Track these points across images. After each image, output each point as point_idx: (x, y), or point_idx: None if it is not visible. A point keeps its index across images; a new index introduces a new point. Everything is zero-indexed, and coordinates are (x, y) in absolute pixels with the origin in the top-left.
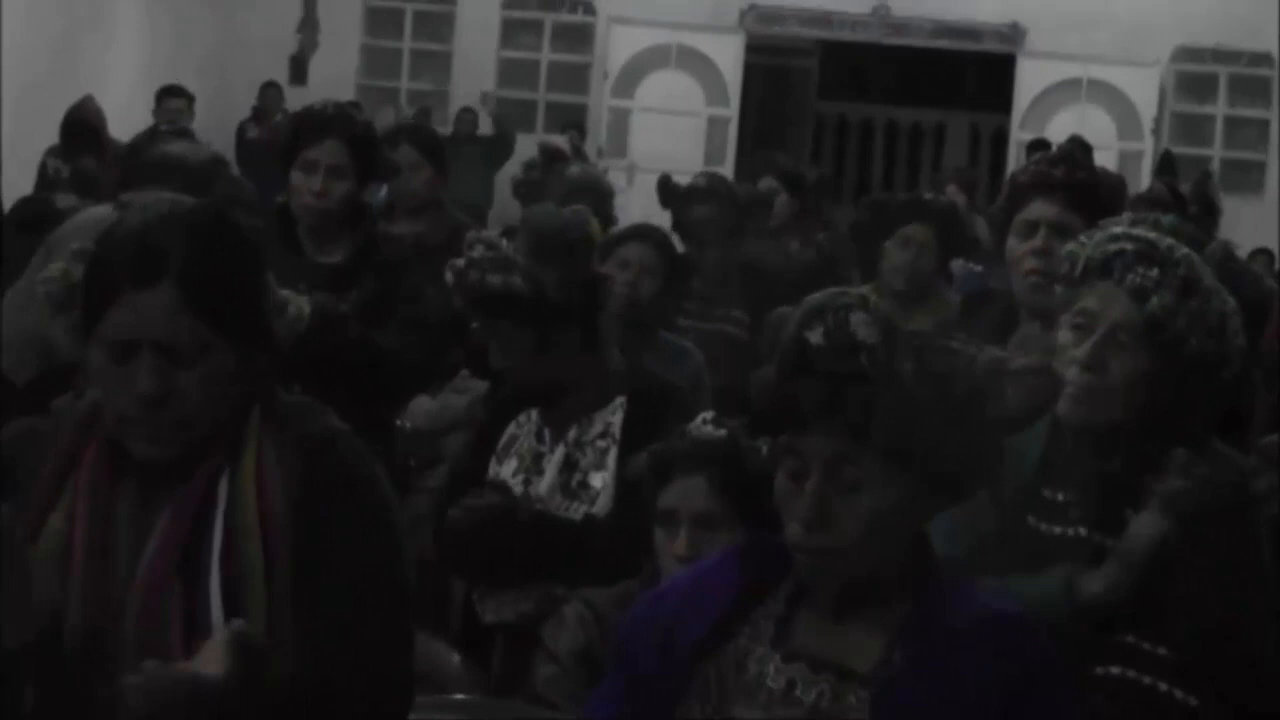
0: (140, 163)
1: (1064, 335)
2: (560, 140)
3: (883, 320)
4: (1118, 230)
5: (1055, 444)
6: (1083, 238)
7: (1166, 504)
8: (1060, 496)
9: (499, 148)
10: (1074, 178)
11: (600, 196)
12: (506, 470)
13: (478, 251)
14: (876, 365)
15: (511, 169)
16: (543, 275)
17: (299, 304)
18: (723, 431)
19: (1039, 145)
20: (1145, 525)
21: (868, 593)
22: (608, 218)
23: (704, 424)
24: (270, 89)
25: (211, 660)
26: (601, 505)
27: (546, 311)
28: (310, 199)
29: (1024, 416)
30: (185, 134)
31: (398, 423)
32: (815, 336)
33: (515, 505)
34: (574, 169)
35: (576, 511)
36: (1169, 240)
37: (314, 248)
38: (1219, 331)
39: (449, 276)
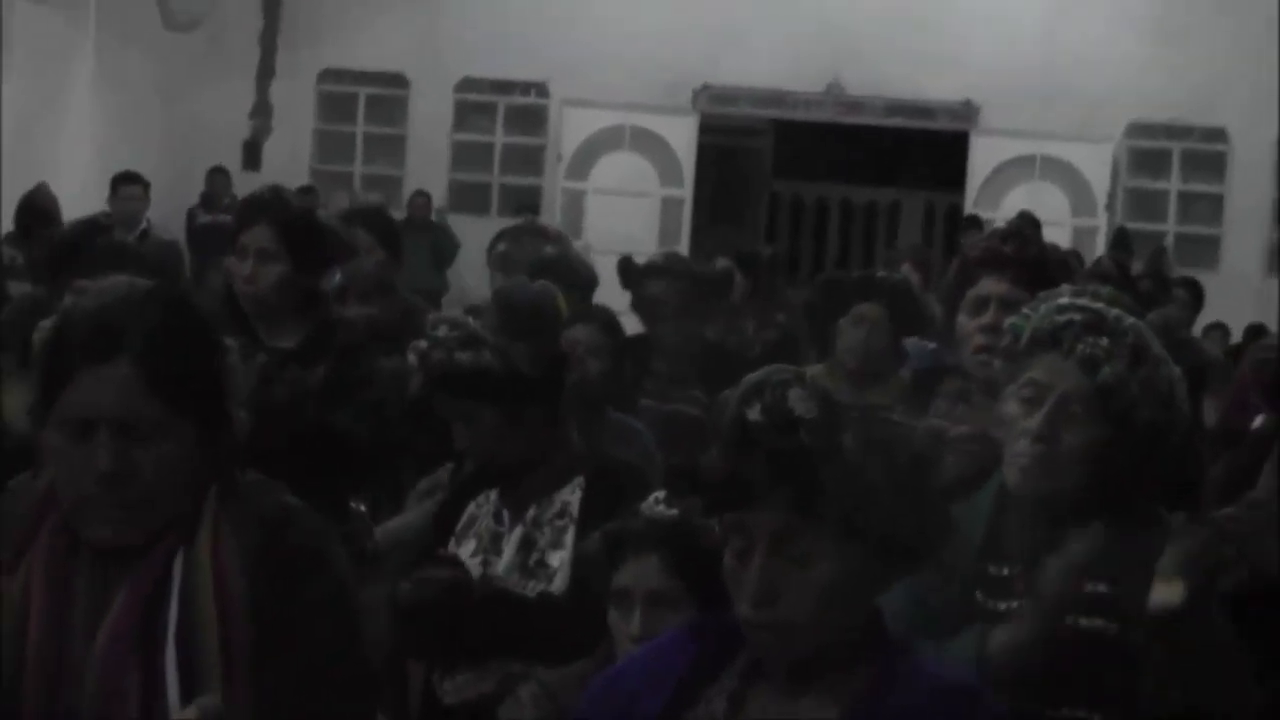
0: (90, 252)
1: (1011, 407)
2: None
3: (820, 394)
4: (1064, 301)
5: (999, 518)
6: (1025, 310)
7: (1186, 568)
8: (1006, 571)
9: (447, 240)
10: (1023, 254)
11: (584, 282)
12: (465, 550)
13: (442, 331)
14: (816, 439)
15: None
16: (513, 350)
17: (237, 415)
18: (675, 511)
19: (973, 222)
20: (1053, 567)
21: (821, 666)
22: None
23: (656, 503)
24: (218, 174)
25: None
26: (558, 584)
27: (516, 387)
28: (241, 284)
29: (963, 485)
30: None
31: (353, 505)
32: (754, 413)
33: (469, 579)
34: (557, 249)
35: (533, 590)
36: (1115, 310)
37: (265, 332)
38: (1168, 399)
39: (411, 358)
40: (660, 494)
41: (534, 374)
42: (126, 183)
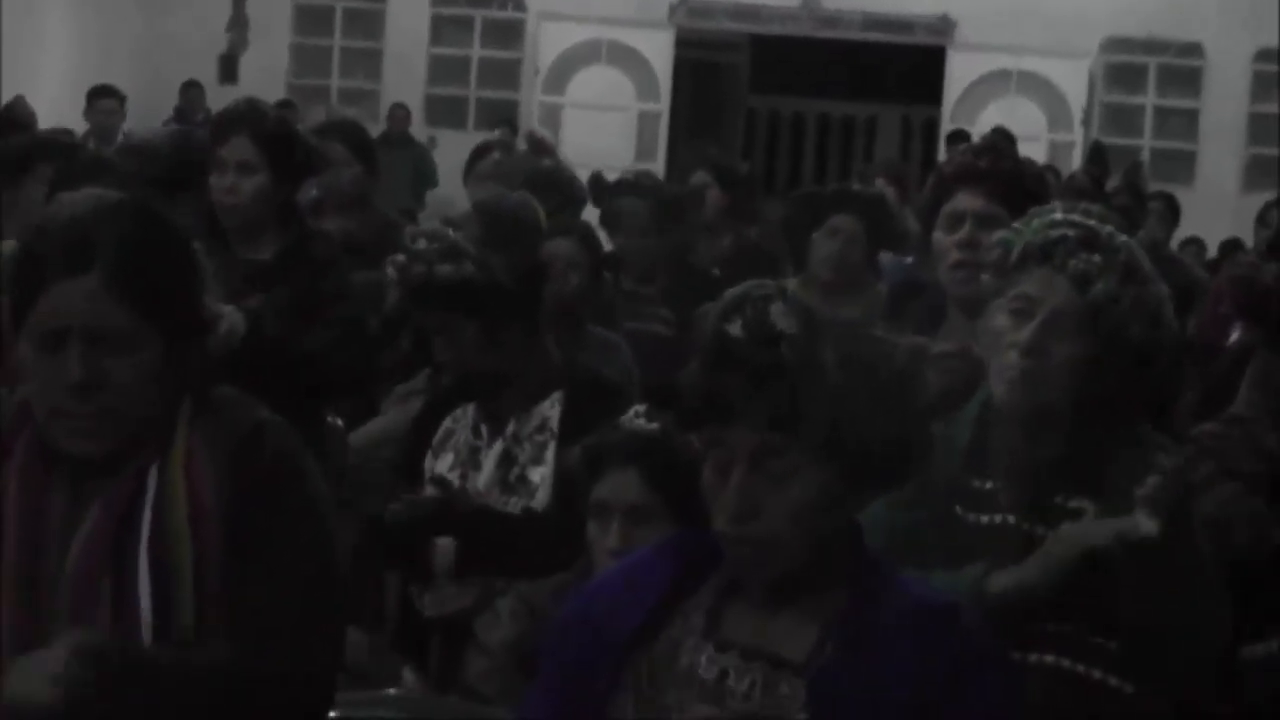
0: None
1: (1000, 320)
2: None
3: (802, 310)
4: (1057, 217)
5: (982, 432)
6: (1018, 224)
7: (1156, 505)
8: (988, 485)
9: (428, 167)
10: (998, 168)
11: (579, 197)
12: (443, 465)
13: (421, 244)
14: (797, 355)
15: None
16: (493, 261)
17: (234, 320)
18: (655, 425)
19: (959, 136)
20: (1074, 530)
21: (799, 583)
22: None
23: (636, 417)
24: (192, 88)
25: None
26: (540, 500)
27: (496, 299)
28: (222, 196)
29: (946, 402)
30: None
31: (329, 419)
32: (735, 328)
33: (455, 499)
34: (549, 162)
35: (515, 506)
36: (1108, 227)
37: (241, 245)
38: (1157, 318)
39: (390, 272)
40: (640, 408)
41: (513, 286)
42: (102, 96)
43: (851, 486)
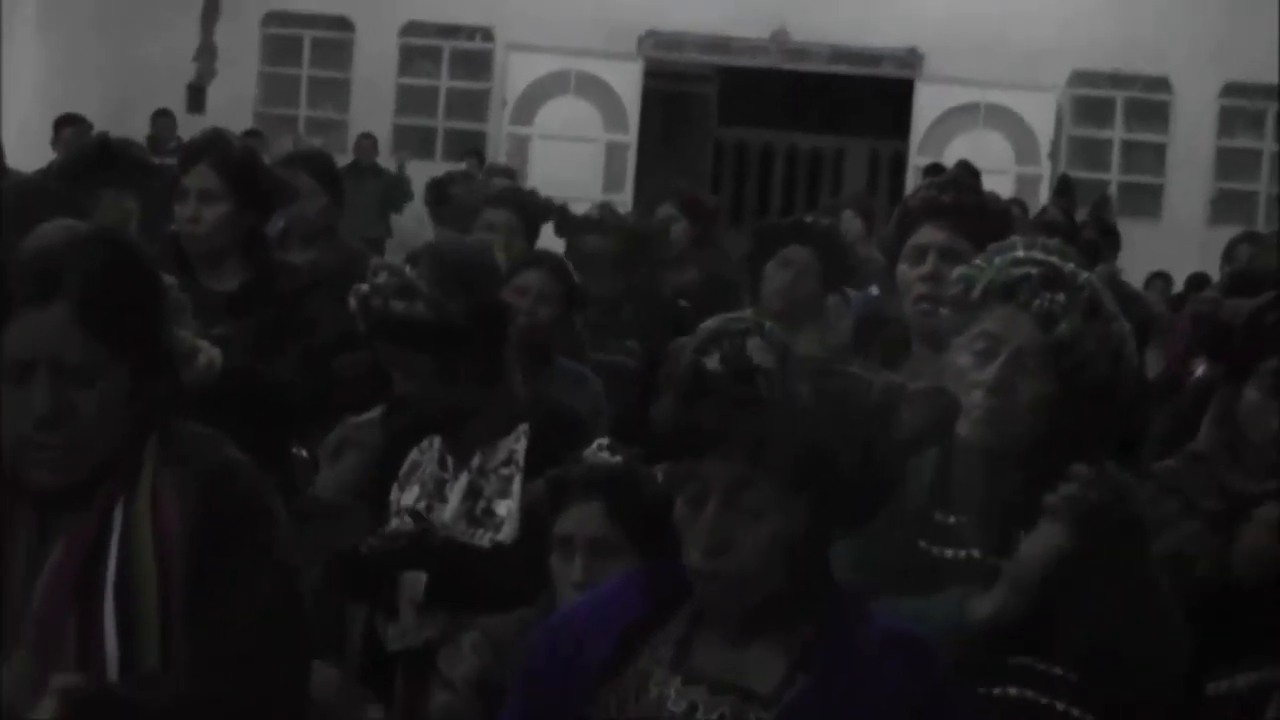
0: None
1: (963, 358)
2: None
3: (779, 345)
4: (1020, 254)
5: (946, 467)
6: (979, 261)
7: (1060, 513)
8: (952, 519)
9: (399, 190)
10: (962, 203)
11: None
12: (409, 497)
13: (381, 278)
14: (773, 390)
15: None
16: (447, 303)
17: (211, 354)
18: (619, 458)
19: (935, 170)
20: (1037, 541)
21: (769, 616)
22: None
23: (600, 450)
24: (163, 117)
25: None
26: (507, 533)
27: (449, 339)
28: (185, 225)
29: (920, 440)
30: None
31: (295, 451)
32: (712, 362)
33: (429, 532)
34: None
35: (481, 539)
36: (1070, 264)
37: (207, 275)
38: (1118, 355)
39: (352, 302)
40: (604, 441)
41: (466, 327)
42: (70, 124)
43: (823, 522)
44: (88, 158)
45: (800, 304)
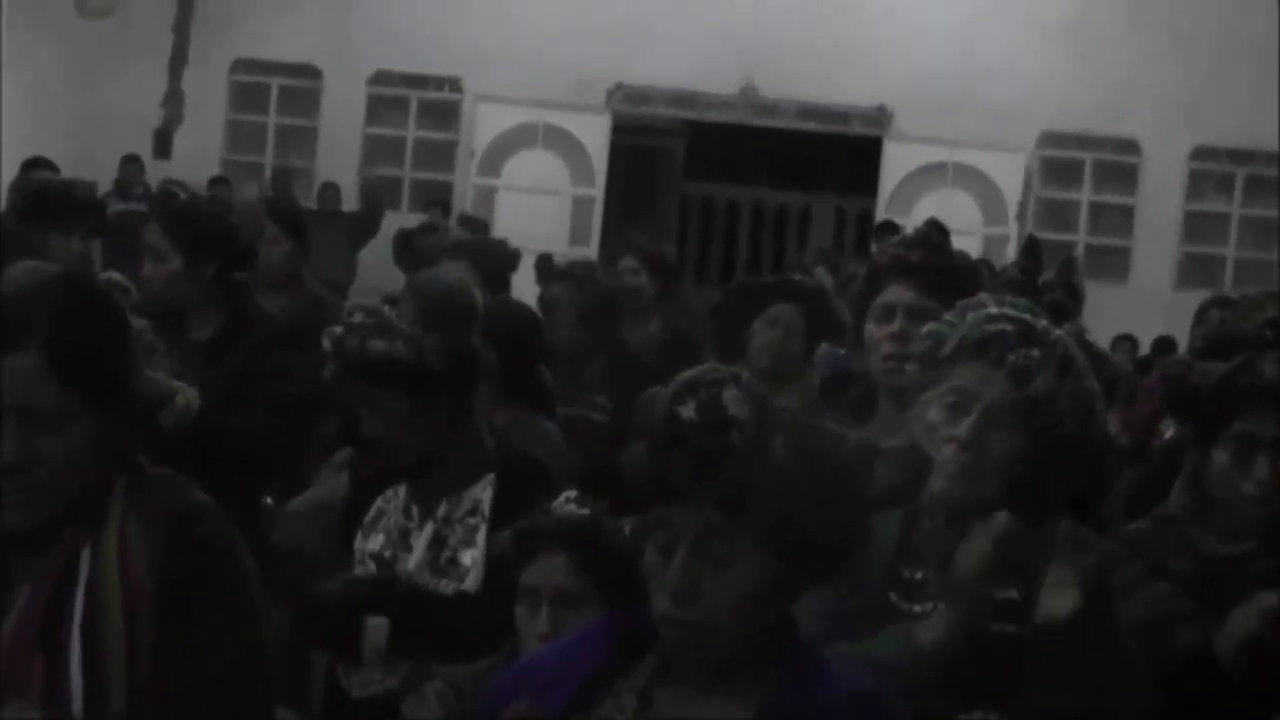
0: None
1: (934, 414)
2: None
3: (755, 396)
4: (993, 311)
5: (912, 522)
6: (949, 317)
7: (1075, 578)
8: (919, 575)
9: (364, 225)
10: (930, 261)
11: (500, 261)
12: (373, 545)
13: (358, 318)
14: (748, 441)
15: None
16: (425, 342)
17: (189, 396)
18: (586, 510)
19: (889, 228)
20: (968, 552)
21: (732, 668)
22: (504, 282)
23: (567, 502)
24: (131, 163)
25: None
26: (471, 583)
27: (426, 379)
28: (145, 284)
29: (893, 498)
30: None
31: (264, 500)
32: (687, 411)
33: (392, 579)
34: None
35: (446, 588)
36: (1042, 321)
37: (187, 326)
38: (1089, 413)
39: (326, 344)
40: (571, 493)
41: (444, 367)
42: (35, 168)
43: (791, 574)
44: (29, 202)
45: (786, 362)
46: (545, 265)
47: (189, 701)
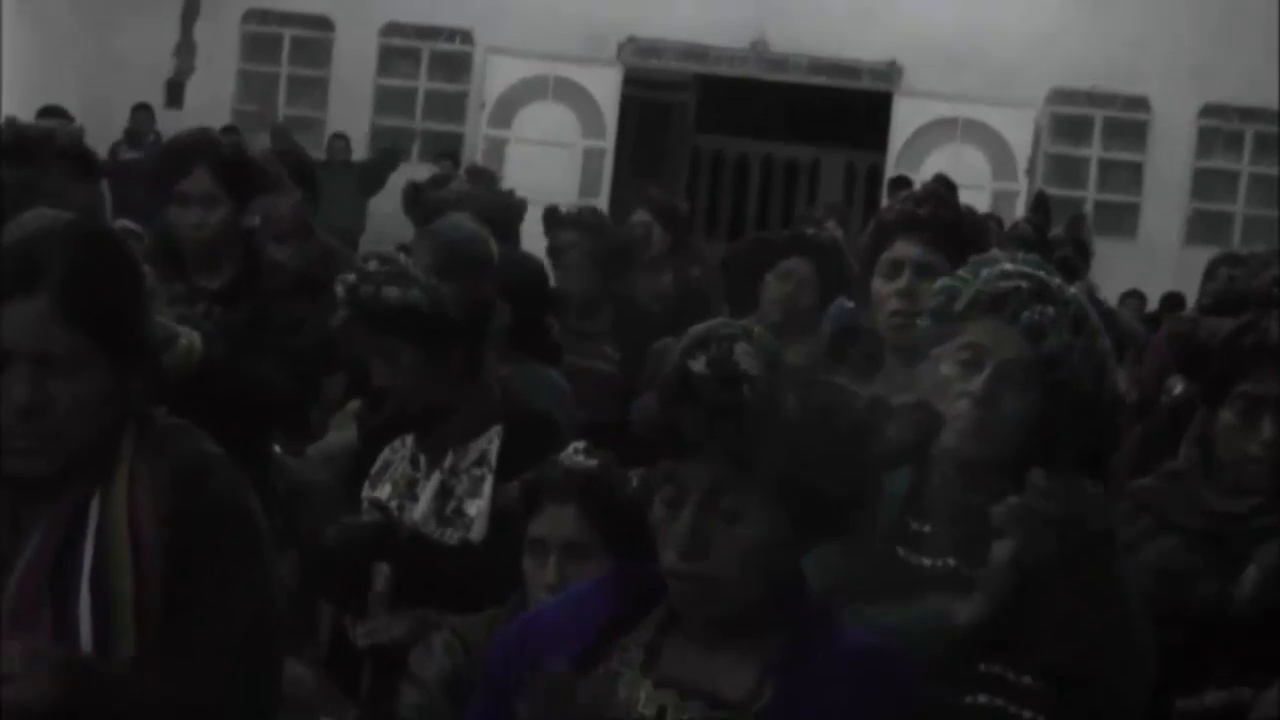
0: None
1: (947, 369)
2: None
3: (767, 352)
4: (1009, 267)
5: (922, 476)
6: (963, 272)
7: (1009, 523)
8: (927, 528)
9: (373, 175)
10: (938, 217)
11: (507, 213)
12: (380, 495)
13: (373, 265)
14: (758, 396)
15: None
16: (441, 290)
17: (191, 338)
18: (594, 461)
19: (901, 183)
20: (997, 550)
21: (741, 623)
22: (512, 234)
23: (576, 453)
24: (142, 111)
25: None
26: (476, 533)
27: (441, 327)
28: (190, 232)
29: (904, 454)
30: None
31: (273, 448)
32: (698, 365)
33: (394, 526)
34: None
35: (451, 539)
36: (1057, 279)
37: (198, 273)
38: (1101, 371)
39: (339, 290)
40: (580, 444)
41: (460, 316)
42: (49, 116)
43: (801, 530)
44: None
45: (798, 316)
46: (553, 215)
47: (197, 652)
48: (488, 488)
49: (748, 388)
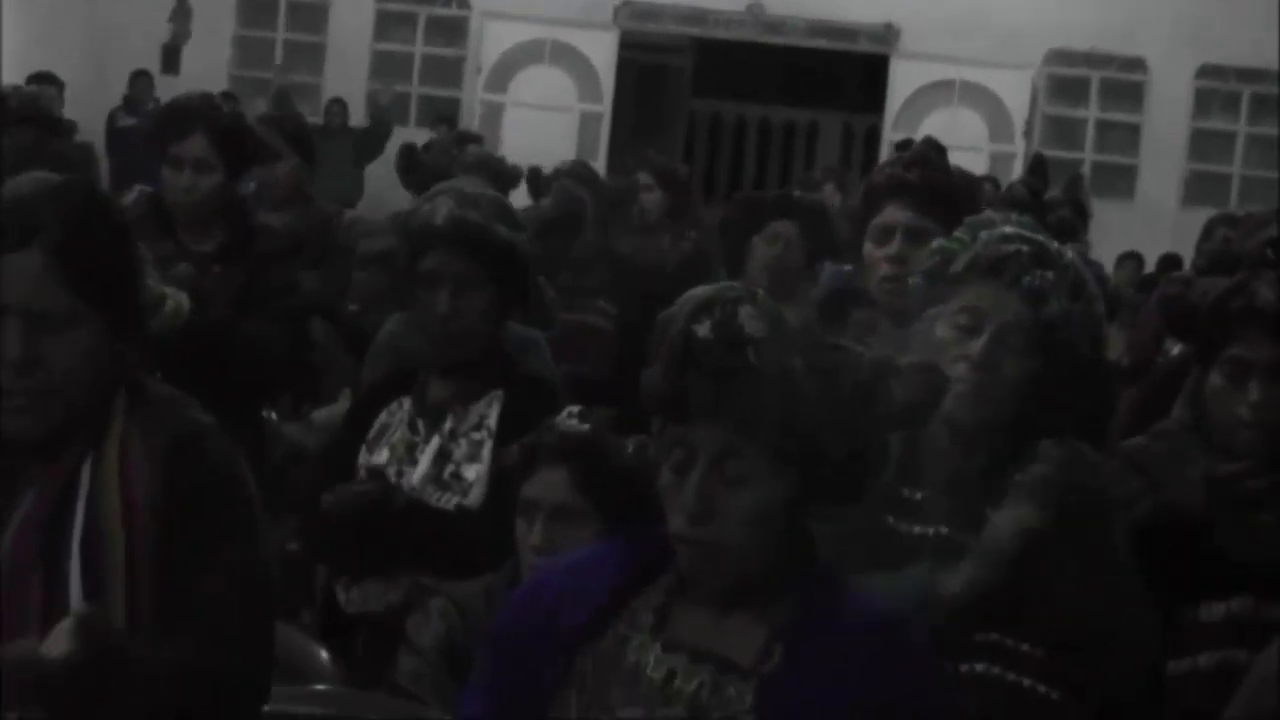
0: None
1: (944, 332)
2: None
3: (771, 315)
4: (1008, 230)
5: (913, 442)
6: (960, 234)
7: (1029, 492)
8: (918, 495)
9: (371, 142)
10: (928, 180)
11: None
12: (378, 459)
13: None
14: (764, 360)
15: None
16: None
17: (178, 299)
18: (586, 426)
19: (907, 145)
20: (1007, 518)
21: (750, 587)
22: None
23: (570, 417)
24: (141, 77)
25: (58, 643)
26: (474, 498)
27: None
28: (180, 195)
29: (911, 417)
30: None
31: (266, 414)
32: (703, 329)
33: (391, 492)
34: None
35: (449, 503)
36: (1055, 243)
37: (188, 236)
38: (1097, 335)
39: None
40: (574, 409)
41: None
42: (40, 83)
43: (809, 495)
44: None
45: (785, 278)
46: (535, 177)
47: (189, 620)
48: (487, 452)
49: (753, 351)
